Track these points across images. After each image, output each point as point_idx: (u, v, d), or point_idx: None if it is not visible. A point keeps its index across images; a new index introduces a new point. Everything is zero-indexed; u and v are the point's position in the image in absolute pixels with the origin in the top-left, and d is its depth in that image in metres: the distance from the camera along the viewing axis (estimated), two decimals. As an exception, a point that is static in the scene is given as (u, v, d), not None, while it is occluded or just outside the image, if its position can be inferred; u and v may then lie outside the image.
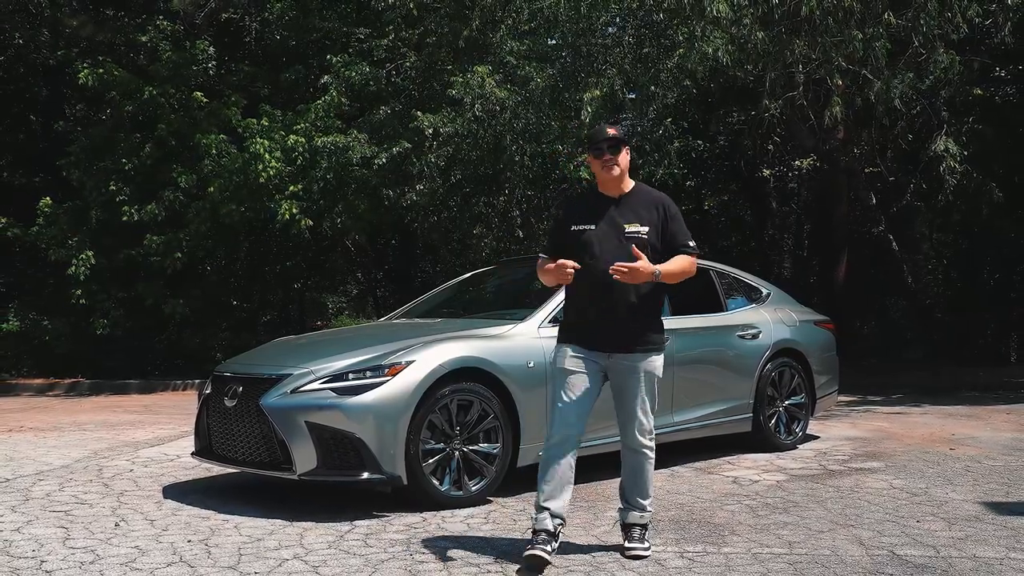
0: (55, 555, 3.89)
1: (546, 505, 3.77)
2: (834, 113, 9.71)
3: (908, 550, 3.95)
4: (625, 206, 3.93)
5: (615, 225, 3.88)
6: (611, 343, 3.86)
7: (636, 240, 3.83)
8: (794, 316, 7.03)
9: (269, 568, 3.71)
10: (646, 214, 3.91)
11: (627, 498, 3.99)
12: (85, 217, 12.65)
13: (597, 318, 3.86)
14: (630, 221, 3.88)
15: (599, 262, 3.81)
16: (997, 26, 10.62)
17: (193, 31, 13.76)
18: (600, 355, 3.88)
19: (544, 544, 3.69)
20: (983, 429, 7.72)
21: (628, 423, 3.93)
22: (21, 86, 15.25)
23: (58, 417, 8.94)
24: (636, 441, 3.93)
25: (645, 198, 3.99)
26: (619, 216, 3.90)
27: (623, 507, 3.99)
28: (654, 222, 3.90)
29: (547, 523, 3.75)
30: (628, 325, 3.85)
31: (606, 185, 3.98)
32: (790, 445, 6.62)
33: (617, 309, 3.83)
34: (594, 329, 3.87)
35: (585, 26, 10.53)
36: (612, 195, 3.96)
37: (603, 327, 3.85)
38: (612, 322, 3.84)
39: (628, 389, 3.89)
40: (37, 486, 5.36)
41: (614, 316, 3.83)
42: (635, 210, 3.92)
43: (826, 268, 15.26)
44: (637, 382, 3.87)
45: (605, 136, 3.92)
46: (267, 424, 4.71)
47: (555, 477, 3.79)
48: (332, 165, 11.66)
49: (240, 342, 11.47)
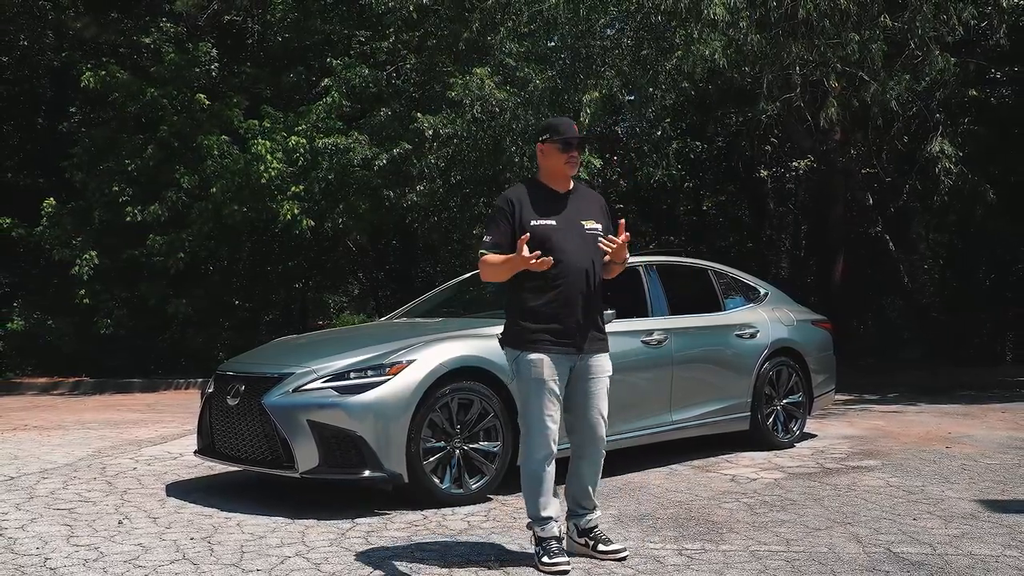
0: (59, 552, 3.91)
1: (548, 514, 3.76)
2: (830, 115, 9.78)
3: (905, 547, 3.97)
4: (576, 202, 3.88)
5: (574, 222, 3.80)
6: (585, 343, 3.76)
7: (594, 237, 3.78)
8: (792, 316, 7.05)
9: (271, 565, 3.72)
10: (596, 212, 3.89)
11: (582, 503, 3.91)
12: (88, 217, 12.69)
13: (572, 318, 3.73)
14: (587, 219, 3.83)
15: (569, 259, 3.71)
16: (992, 28, 10.64)
17: (196, 33, 13.79)
18: (571, 358, 3.76)
19: (560, 554, 3.69)
20: (979, 428, 7.71)
21: (590, 425, 3.81)
22: (26, 87, 15.26)
23: (62, 416, 8.96)
24: (597, 442, 3.84)
25: (589, 196, 3.99)
26: (575, 213, 3.83)
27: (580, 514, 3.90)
28: (603, 221, 3.89)
29: (554, 529, 3.75)
30: (597, 323, 3.81)
31: (558, 180, 3.88)
32: (788, 444, 6.65)
33: (589, 307, 3.77)
34: (569, 330, 3.73)
35: (584, 28, 10.55)
36: (561, 191, 3.88)
37: (579, 326, 3.74)
38: (585, 321, 3.75)
39: (592, 390, 3.79)
40: (41, 484, 5.38)
41: (586, 315, 3.75)
42: (587, 207, 3.88)
43: (823, 268, 15.32)
44: (602, 382, 3.82)
45: (576, 134, 3.86)
46: (269, 423, 4.73)
47: (546, 489, 3.76)
48: (333, 166, 11.72)
49: (242, 341, 11.48)
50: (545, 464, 3.75)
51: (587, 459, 3.87)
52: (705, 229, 18.26)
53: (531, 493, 3.78)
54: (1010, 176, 13.37)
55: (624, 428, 5.58)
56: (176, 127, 12.70)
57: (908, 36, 9.74)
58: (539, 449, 3.74)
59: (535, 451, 3.75)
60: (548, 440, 3.73)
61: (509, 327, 3.85)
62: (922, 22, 9.49)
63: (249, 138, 11.93)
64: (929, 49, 9.65)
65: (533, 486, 3.77)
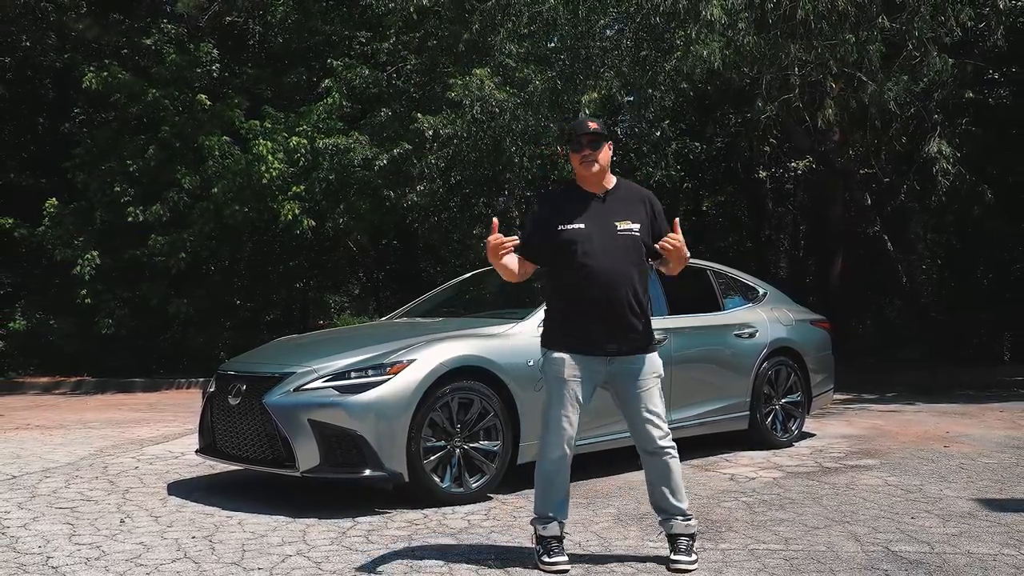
0: (61, 551, 3.92)
1: (553, 515, 3.74)
2: (827, 116, 9.81)
3: (903, 546, 3.97)
4: (613, 203, 3.75)
5: (606, 224, 3.70)
6: (615, 347, 3.68)
7: (630, 239, 3.69)
8: (790, 315, 7.06)
9: (272, 564, 3.73)
10: (635, 212, 3.76)
11: (661, 506, 3.79)
12: (90, 218, 12.74)
13: (599, 321, 3.66)
14: (621, 219, 3.71)
15: (596, 263, 3.65)
16: (990, 29, 10.64)
17: (197, 34, 13.84)
18: (600, 361, 3.69)
19: (560, 553, 3.69)
20: (977, 427, 7.71)
21: (642, 426, 3.73)
22: (28, 88, 15.28)
23: (64, 415, 8.98)
24: (654, 443, 3.72)
25: (631, 195, 3.83)
26: (609, 214, 3.72)
27: (663, 518, 3.79)
28: (643, 220, 3.75)
29: (556, 530, 3.74)
30: (630, 326, 3.69)
31: (587, 182, 3.79)
32: (786, 443, 6.67)
33: (617, 311, 3.66)
34: (596, 333, 3.67)
35: (584, 29, 10.58)
36: (596, 192, 3.78)
37: (607, 330, 3.66)
38: (613, 325, 3.67)
39: (636, 392, 3.71)
40: (43, 483, 5.39)
41: (615, 318, 3.66)
42: (624, 207, 3.76)
43: (822, 268, 15.35)
44: (646, 384, 3.71)
45: (585, 131, 3.72)
46: (270, 422, 4.74)
47: (558, 489, 3.75)
48: (334, 166, 11.77)
49: (243, 341, 11.51)
50: (558, 464, 3.72)
51: (649, 462, 3.79)
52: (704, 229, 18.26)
53: (540, 491, 3.77)
54: (1008, 176, 13.40)
55: (623, 427, 5.57)
56: (177, 128, 12.76)
57: (906, 37, 9.76)
58: (553, 449, 3.71)
59: (549, 451, 3.72)
60: (562, 441, 3.69)
61: (543, 326, 3.87)
62: (920, 23, 9.51)
63: (250, 138, 11.98)
64: (927, 50, 9.68)
65: (543, 485, 3.75)
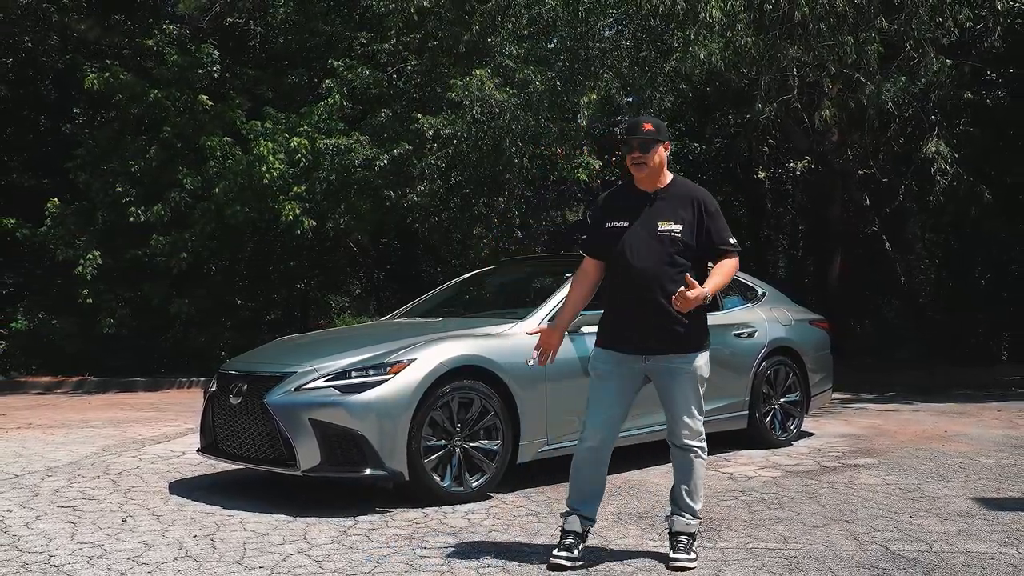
0: (63, 550, 3.94)
1: (577, 508, 3.76)
2: (824, 116, 9.86)
3: (901, 545, 3.99)
4: (660, 203, 3.76)
5: (648, 223, 3.72)
6: (647, 346, 3.71)
7: (669, 239, 3.68)
8: (789, 315, 7.07)
9: (273, 563, 3.75)
10: (681, 211, 3.73)
11: (676, 501, 3.86)
12: (92, 218, 12.78)
13: (632, 320, 3.71)
14: (664, 219, 3.71)
15: (633, 261, 3.68)
16: (988, 30, 10.65)
17: (198, 35, 13.88)
18: (636, 359, 3.74)
19: (570, 550, 3.67)
20: (975, 426, 7.72)
21: (674, 423, 3.81)
22: (30, 89, 15.33)
23: (66, 414, 9.00)
24: (682, 440, 3.80)
25: (682, 194, 3.80)
26: (653, 213, 3.73)
27: (671, 512, 3.86)
28: (688, 220, 3.72)
29: (576, 525, 3.73)
30: (664, 326, 3.67)
31: (639, 181, 3.82)
32: (785, 442, 6.69)
33: (651, 309, 3.67)
34: (630, 332, 3.72)
35: (584, 30, 10.62)
36: (647, 191, 3.80)
37: (639, 329, 3.70)
38: (647, 324, 3.68)
39: (671, 390, 3.76)
40: (46, 482, 5.41)
41: (648, 317, 3.68)
42: (670, 207, 3.74)
43: (821, 268, 15.37)
44: (680, 383, 3.75)
45: (636, 133, 3.74)
46: (271, 421, 4.76)
47: (589, 482, 3.78)
48: (334, 167, 11.81)
49: (245, 341, 11.53)
50: (588, 455, 3.78)
51: (673, 458, 3.89)
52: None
53: (571, 479, 3.85)
54: (1005, 177, 13.44)
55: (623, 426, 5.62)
56: (179, 128, 12.79)
57: (904, 38, 9.81)
58: (585, 440, 3.80)
59: (582, 440, 3.82)
60: (593, 433, 3.76)
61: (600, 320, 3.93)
62: (918, 24, 9.56)
63: (251, 139, 12.01)
64: (925, 51, 9.73)
65: (573, 474, 3.83)
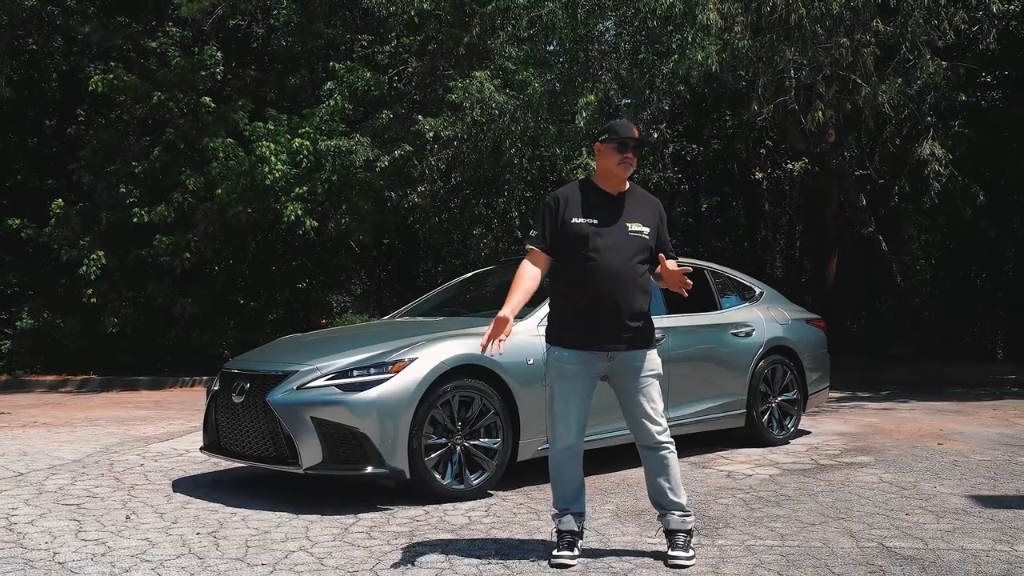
0: (68, 547, 3.93)
1: (567, 507, 3.79)
2: (818, 118, 9.95)
3: (897, 542, 3.99)
4: (627, 205, 3.82)
5: (618, 223, 3.76)
6: (615, 343, 3.72)
7: (639, 240, 3.75)
8: (786, 314, 7.10)
9: (276, 560, 3.74)
10: (647, 215, 3.83)
11: (659, 502, 3.82)
12: (96, 218, 12.88)
13: (601, 317, 3.70)
14: (633, 220, 3.78)
15: (603, 259, 3.70)
16: (983, 33, 10.77)
17: (201, 37, 13.98)
18: (600, 355, 3.73)
19: (570, 548, 3.70)
20: (970, 424, 7.75)
21: (640, 422, 3.78)
22: (35, 91, 15.43)
23: (70, 413, 9.03)
24: (652, 438, 3.76)
25: (642, 199, 3.90)
26: (622, 215, 3.78)
27: (660, 514, 3.83)
28: (653, 224, 3.82)
29: (571, 524, 3.76)
30: (631, 323, 3.72)
31: (609, 182, 3.84)
32: (782, 440, 6.71)
33: (621, 308, 3.70)
34: (597, 329, 3.71)
35: (583, 33, 10.68)
36: (611, 192, 3.84)
37: (607, 326, 3.70)
38: (616, 321, 3.70)
39: (635, 388, 3.75)
40: (50, 480, 5.40)
41: (618, 315, 3.70)
42: (637, 210, 3.82)
43: (817, 268, 15.48)
44: (643, 380, 3.76)
45: (633, 136, 3.81)
46: (274, 420, 4.75)
47: (568, 481, 3.80)
48: (336, 168, 11.86)
49: (247, 340, 11.62)
50: (565, 456, 3.79)
51: (648, 457, 3.84)
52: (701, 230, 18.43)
53: (553, 483, 3.84)
54: (999, 178, 13.53)
55: (622, 424, 5.65)
56: (182, 130, 12.88)
57: (900, 40, 9.90)
58: (558, 441, 3.79)
59: (555, 443, 3.81)
60: (566, 433, 3.76)
61: (548, 321, 3.92)
62: (913, 27, 9.66)
63: (254, 140, 12.09)
64: (920, 53, 9.81)
65: (554, 477, 3.83)
